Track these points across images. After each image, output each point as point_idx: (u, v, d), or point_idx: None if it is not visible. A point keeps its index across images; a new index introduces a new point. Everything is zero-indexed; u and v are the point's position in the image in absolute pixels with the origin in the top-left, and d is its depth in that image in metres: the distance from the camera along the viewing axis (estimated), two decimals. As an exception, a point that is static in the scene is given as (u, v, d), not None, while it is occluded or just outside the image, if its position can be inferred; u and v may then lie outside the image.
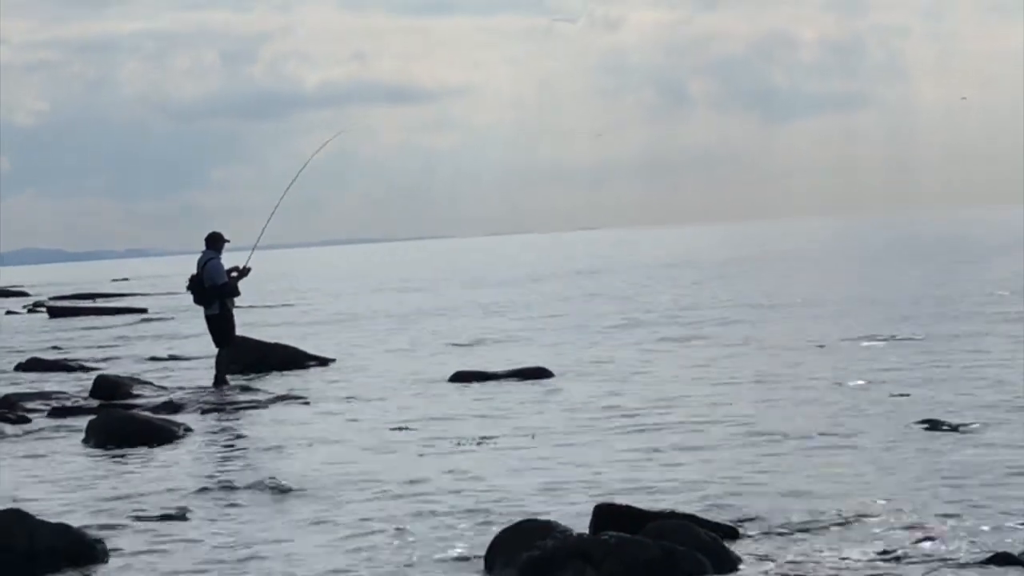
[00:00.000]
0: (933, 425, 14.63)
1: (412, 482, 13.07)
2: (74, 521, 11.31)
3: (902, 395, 17.14)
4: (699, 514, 10.48)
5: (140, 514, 12.11)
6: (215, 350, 22.73)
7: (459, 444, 15.25)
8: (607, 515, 10.19)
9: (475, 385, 20.87)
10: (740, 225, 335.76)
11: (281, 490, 12.91)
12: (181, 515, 12.00)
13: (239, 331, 23.46)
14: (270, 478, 13.36)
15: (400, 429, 16.54)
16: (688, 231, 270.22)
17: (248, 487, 13.19)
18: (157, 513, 12.08)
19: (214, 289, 22.23)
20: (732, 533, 10.30)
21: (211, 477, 13.98)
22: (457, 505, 11.96)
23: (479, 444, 15.20)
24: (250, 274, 22.71)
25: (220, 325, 22.44)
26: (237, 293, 22.66)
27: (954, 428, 14.46)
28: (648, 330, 29.81)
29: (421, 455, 14.66)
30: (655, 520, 9.84)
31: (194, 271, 22.55)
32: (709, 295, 41.90)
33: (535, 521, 10.08)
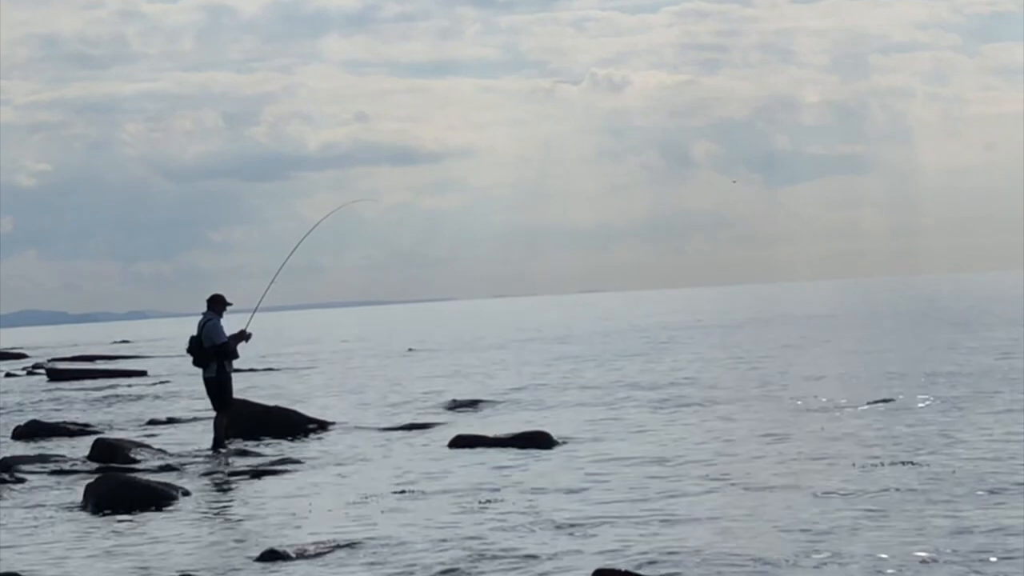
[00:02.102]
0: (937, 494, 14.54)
1: (411, 547, 12.97)
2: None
3: (908, 463, 17.04)
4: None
5: (136, 580, 12.00)
6: (214, 413, 22.62)
7: (460, 508, 15.15)
8: (607, 582, 10.09)
9: (475, 450, 20.76)
10: (744, 288, 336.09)
11: (282, 557, 12.79)
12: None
13: (240, 394, 23.33)
14: (270, 545, 13.25)
15: (401, 492, 16.44)
16: (691, 293, 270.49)
17: (247, 554, 13.08)
18: (154, 579, 11.97)
19: (213, 349, 22.10)
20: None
21: (210, 544, 13.87)
22: (457, 570, 11.86)
23: (478, 508, 15.10)
24: (251, 340, 22.60)
25: (218, 388, 22.29)
26: (236, 355, 22.54)
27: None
28: (652, 397, 29.69)
29: (421, 520, 14.56)
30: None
31: (194, 332, 22.45)
32: (709, 361, 41.82)
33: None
